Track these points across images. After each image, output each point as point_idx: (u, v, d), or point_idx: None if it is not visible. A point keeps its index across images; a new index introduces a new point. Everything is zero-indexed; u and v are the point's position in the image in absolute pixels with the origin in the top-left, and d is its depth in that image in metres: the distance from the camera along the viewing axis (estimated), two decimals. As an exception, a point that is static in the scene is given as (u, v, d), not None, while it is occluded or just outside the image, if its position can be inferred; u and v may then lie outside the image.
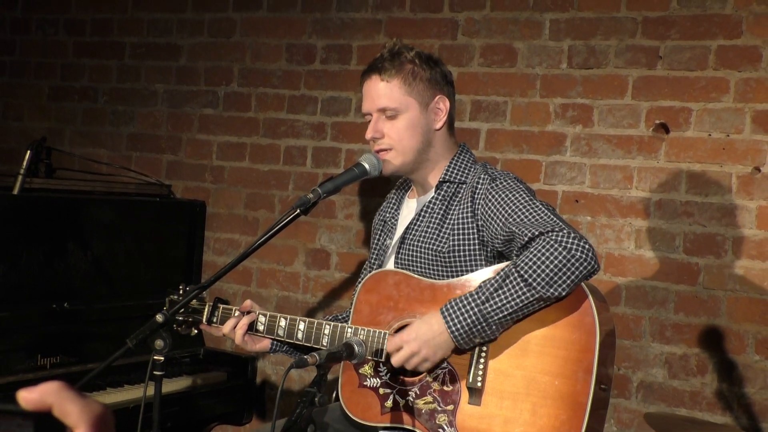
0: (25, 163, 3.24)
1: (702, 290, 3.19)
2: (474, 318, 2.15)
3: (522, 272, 2.13)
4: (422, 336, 2.20)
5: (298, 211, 2.28)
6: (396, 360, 2.24)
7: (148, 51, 4.28)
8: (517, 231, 2.21)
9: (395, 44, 2.50)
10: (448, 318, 2.17)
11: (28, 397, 0.72)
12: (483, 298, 2.15)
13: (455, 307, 2.18)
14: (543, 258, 2.12)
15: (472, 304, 2.16)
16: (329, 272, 3.85)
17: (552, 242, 2.12)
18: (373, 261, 2.64)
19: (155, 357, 2.28)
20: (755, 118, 3.13)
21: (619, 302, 3.30)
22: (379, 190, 3.59)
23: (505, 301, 2.13)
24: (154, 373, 2.29)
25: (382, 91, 2.45)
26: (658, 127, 3.27)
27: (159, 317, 2.27)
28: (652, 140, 3.28)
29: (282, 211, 3.93)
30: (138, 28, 4.31)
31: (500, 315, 2.14)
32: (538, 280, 2.11)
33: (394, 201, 2.67)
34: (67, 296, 3.12)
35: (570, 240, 2.12)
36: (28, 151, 3.27)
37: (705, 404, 3.18)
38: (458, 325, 2.16)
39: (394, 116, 2.44)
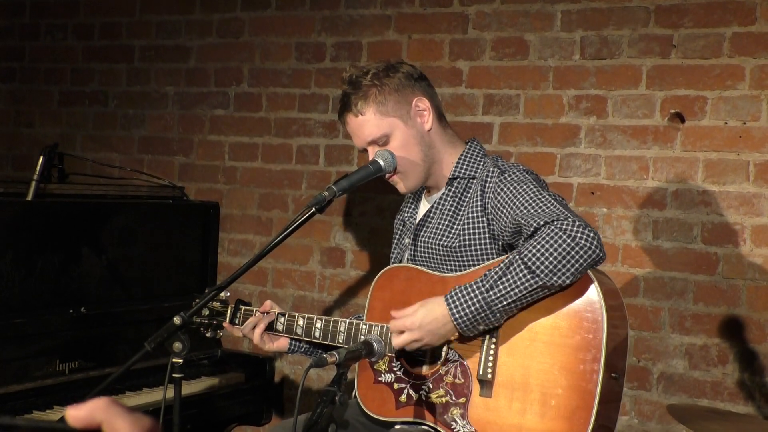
0: (38, 169, 3.23)
1: (721, 280, 3.16)
2: (478, 305, 2.16)
3: (526, 260, 2.12)
4: (426, 326, 2.22)
5: (314, 209, 2.27)
6: (396, 342, 2.26)
7: (157, 53, 4.27)
8: (523, 222, 2.21)
9: (351, 74, 2.48)
10: (452, 305, 2.18)
11: (77, 415, 0.70)
12: (487, 285, 2.15)
13: (459, 295, 2.18)
14: (547, 246, 2.11)
15: (476, 292, 2.16)
16: (345, 270, 3.84)
17: (557, 230, 2.12)
18: (393, 261, 2.66)
19: (174, 359, 2.27)
20: (771, 105, 3.10)
21: (638, 294, 3.27)
22: (393, 187, 3.57)
23: (509, 289, 2.13)
24: (173, 375, 2.29)
25: (363, 126, 2.44)
26: (674, 116, 3.24)
27: (176, 319, 2.27)
28: (667, 130, 3.25)
29: (296, 210, 3.92)
30: (146, 31, 4.30)
31: (504, 302, 2.14)
32: (542, 267, 2.11)
33: (411, 201, 2.68)
34: (84, 301, 3.11)
35: (574, 228, 2.11)
36: (41, 157, 3.27)
37: (727, 394, 3.15)
38: (461, 313, 2.17)
39: (386, 142, 2.44)
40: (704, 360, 3.19)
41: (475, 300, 2.16)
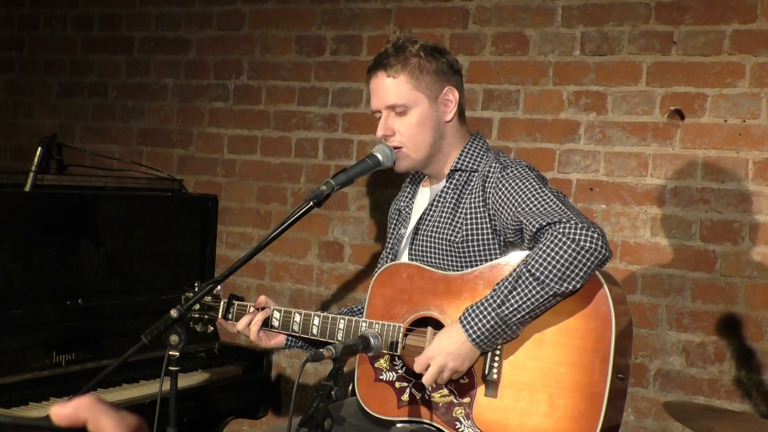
0: (36, 160, 3.22)
1: (719, 277, 3.16)
2: (493, 322, 2.15)
3: (533, 271, 2.12)
4: (446, 349, 2.19)
5: (312, 203, 2.26)
6: (427, 378, 2.23)
7: (156, 45, 4.26)
8: (525, 221, 2.20)
9: (399, 38, 2.47)
10: (468, 326, 2.17)
11: (62, 413, 0.69)
12: (498, 301, 2.14)
13: (473, 314, 2.17)
14: (552, 254, 2.10)
15: (489, 309, 2.15)
16: (343, 264, 3.84)
17: (559, 236, 2.11)
18: (388, 251, 2.63)
19: (170, 352, 2.26)
20: (771, 103, 3.09)
21: (636, 290, 3.27)
22: (391, 181, 3.57)
23: (520, 302, 2.13)
24: (170, 368, 2.28)
25: (390, 88, 2.41)
26: (673, 113, 3.24)
27: (173, 312, 2.25)
28: (667, 127, 3.25)
29: (294, 203, 3.92)
30: (146, 23, 4.29)
31: (518, 316, 2.14)
32: (551, 276, 2.10)
33: (408, 190, 2.65)
34: (81, 293, 3.11)
35: (578, 231, 2.10)
36: (39, 148, 3.26)
37: (723, 392, 3.15)
38: (478, 332, 2.16)
39: (404, 112, 2.41)
40: (701, 357, 3.19)
41: (489, 318, 2.15)
